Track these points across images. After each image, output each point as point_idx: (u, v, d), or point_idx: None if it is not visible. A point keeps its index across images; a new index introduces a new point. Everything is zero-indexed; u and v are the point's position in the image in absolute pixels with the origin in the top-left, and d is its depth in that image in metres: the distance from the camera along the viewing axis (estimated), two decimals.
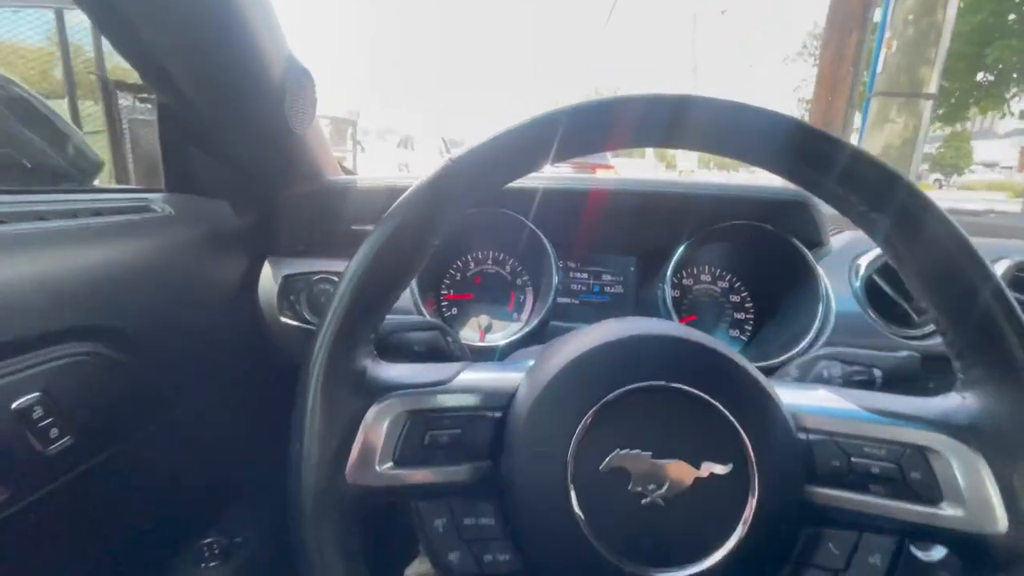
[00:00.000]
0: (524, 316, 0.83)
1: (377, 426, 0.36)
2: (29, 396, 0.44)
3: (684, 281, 0.83)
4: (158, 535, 0.65)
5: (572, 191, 0.75)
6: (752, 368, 0.37)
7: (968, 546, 0.34)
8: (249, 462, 0.77)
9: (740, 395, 0.35)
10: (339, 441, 0.35)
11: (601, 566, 0.34)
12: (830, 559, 0.36)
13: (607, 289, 0.85)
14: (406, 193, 0.36)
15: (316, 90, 0.61)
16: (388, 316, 0.54)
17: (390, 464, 0.36)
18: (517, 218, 0.74)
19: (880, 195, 0.34)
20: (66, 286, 0.47)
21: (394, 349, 0.53)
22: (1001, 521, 0.33)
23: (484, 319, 0.82)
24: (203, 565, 0.68)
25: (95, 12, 0.51)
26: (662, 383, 0.35)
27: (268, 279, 0.75)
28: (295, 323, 0.74)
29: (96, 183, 0.84)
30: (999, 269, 0.67)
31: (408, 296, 0.72)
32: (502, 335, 0.77)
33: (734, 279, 0.82)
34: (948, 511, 0.34)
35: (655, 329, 0.38)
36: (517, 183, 0.73)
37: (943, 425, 0.35)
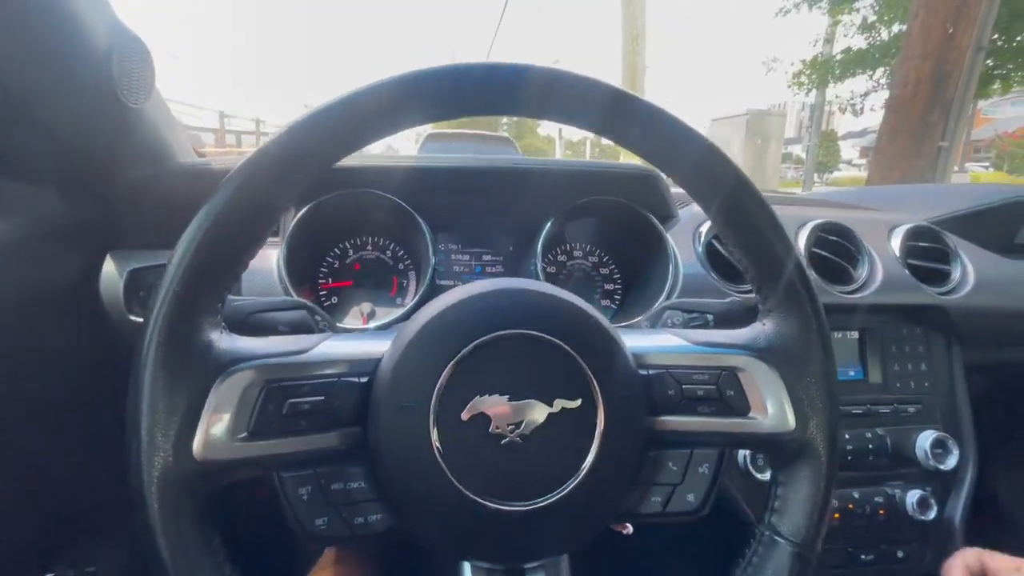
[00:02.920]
0: (407, 300, 0.83)
1: (227, 398, 0.35)
2: None
3: (559, 258, 0.88)
4: None
5: (444, 169, 0.76)
6: (597, 314, 0.41)
7: (769, 445, 0.41)
8: (100, 482, 0.69)
9: (585, 337, 0.39)
10: (183, 418, 0.33)
11: (467, 508, 0.36)
12: (669, 475, 0.42)
13: (488, 269, 0.87)
14: (249, 155, 0.35)
15: (153, 61, 0.56)
16: (249, 298, 0.52)
17: (244, 435, 0.35)
18: (393, 200, 0.74)
19: (715, 178, 0.39)
20: None
21: (256, 331, 0.50)
22: (791, 421, 0.40)
23: (366, 306, 0.80)
24: None
25: None
26: (514, 331, 0.37)
27: (111, 275, 0.67)
28: None
29: None
30: (805, 231, 0.80)
31: (278, 287, 0.69)
32: (385, 320, 0.76)
33: (602, 253, 0.89)
34: (755, 419, 0.40)
35: (506, 284, 0.40)
36: (392, 163, 0.73)
37: (748, 348, 0.42)
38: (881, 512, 0.75)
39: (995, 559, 0.50)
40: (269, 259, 0.69)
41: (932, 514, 0.75)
